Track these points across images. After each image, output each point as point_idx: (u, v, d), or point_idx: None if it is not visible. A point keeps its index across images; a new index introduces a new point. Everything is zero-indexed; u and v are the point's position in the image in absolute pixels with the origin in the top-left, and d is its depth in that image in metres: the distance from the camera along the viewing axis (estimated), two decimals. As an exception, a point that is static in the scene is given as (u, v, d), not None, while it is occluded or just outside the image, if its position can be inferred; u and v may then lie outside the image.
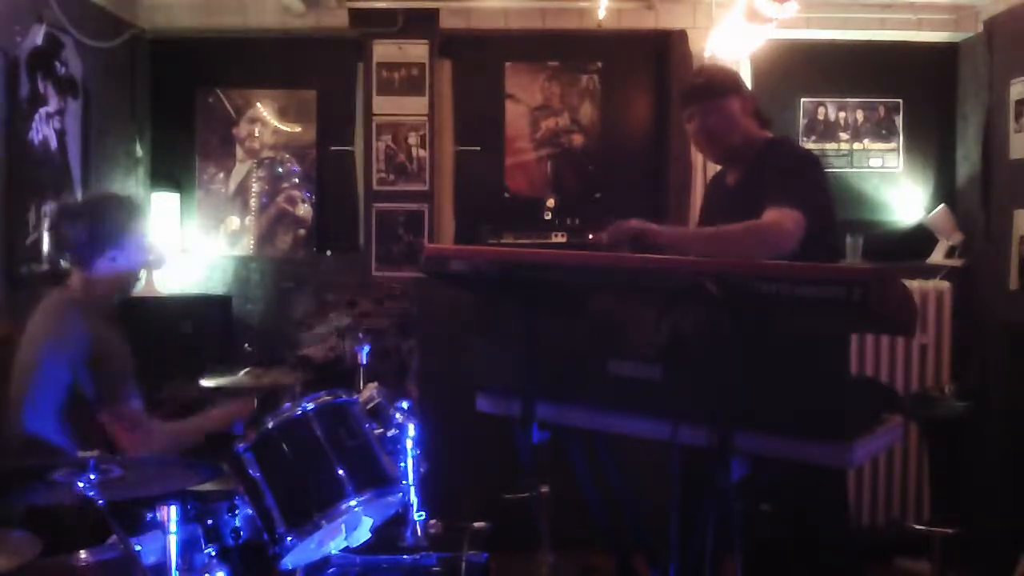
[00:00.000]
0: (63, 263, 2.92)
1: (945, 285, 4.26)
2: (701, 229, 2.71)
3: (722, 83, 2.74)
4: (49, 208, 3.48)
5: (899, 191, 4.63)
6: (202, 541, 2.31)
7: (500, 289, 2.19)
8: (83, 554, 2.12)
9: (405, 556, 2.76)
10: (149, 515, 2.17)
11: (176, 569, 2.10)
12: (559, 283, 2.09)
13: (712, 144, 2.78)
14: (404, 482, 2.79)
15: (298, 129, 4.67)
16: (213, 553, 2.32)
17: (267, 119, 4.66)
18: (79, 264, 2.75)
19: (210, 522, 2.36)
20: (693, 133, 2.78)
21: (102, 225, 2.72)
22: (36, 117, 3.49)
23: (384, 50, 4.47)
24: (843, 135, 4.62)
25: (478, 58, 4.68)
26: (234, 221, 4.67)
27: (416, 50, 4.47)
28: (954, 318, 4.25)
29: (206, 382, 3.20)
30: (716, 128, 2.71)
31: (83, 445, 2.61)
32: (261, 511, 2.37)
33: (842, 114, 4.62)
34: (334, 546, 2.57)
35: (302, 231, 4.67)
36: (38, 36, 3.49)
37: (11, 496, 2.08)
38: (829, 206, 2.68)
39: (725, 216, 2.69)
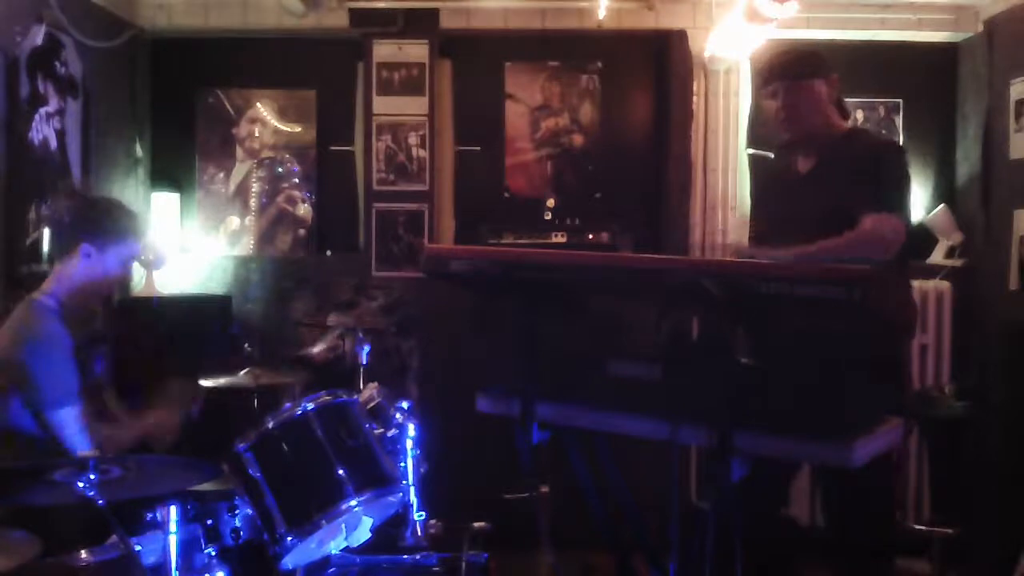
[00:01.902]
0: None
1: (945, 285, 4.26)
2: (802, 249, 2.58)
3: (815, 64, 2.76)
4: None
5: (899, 191, 4.62)
6: (202, 541, 2.32)
7: (500, 289, 2.19)
8: (83, 554, 2.12)
9: (405, 556, 2.76)
10: (149, 515, 2.16)
11: (176, 569, 2.10)
12: (559, 283, 2.09)
13: (793, 122, 2.80)
14: (404, 482, 2.80)
15: (298, 129, 4.67)
16: (213, 553, 2.33)
17: (267, 119, 4.66)
18: (59, 251, 2.72)
19: (210, 522, 2.37)
20: (775, 108, 2.80)
21: (88, 216, 2.69)
22: (36, 117, 3.49)
23: (384, 50, 4.47)
24: (843, 135, 4.62)
25: (478, 58, 4.67)
26: (234, 221, 4.67)
27: (416, 50, 4.47)
28: (954, 318, 4.25)
29: (206, 382, 3.20)
30: (801, 108, 2.74)
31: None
32: (261, 511, 2.37)
33: (842, 114, 4.61)
34: (334, 546, 2.58)
35: (302, 231, 4.67)
36: (38, 36, 3.49)
37: (11, 496, 2.08)
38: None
39: (793, 203, 2.71)
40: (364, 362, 3.39)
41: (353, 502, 2.39)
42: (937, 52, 4.56)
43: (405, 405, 2.97)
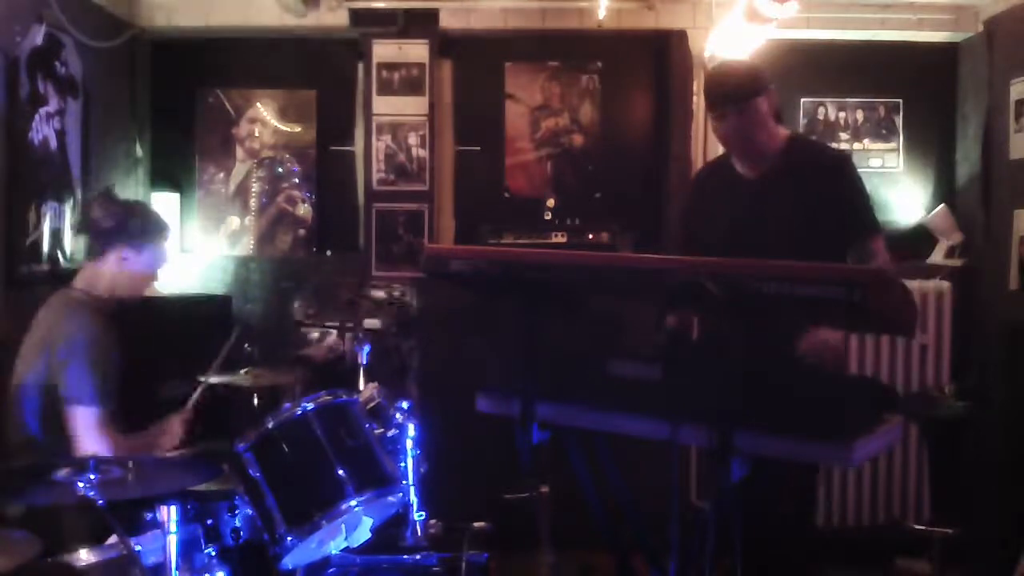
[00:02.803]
0: (64, 262, 2.86)
1: (945, 285, 4.26)
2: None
3: (755, 83, 2.75)
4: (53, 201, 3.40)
5: (899, 191, 4.63)
6: (202, 541, 2.31)
7: (500, 289, 2.19)
8: (83, 554, 2.12)
9: (405, 556, 2.76)
10: (149, 515, 2.16)
11: (176, 569, 2.10)
12: (559, 283, 2.09)
13: (746, 144, 2.80)
14: (404, 482, 2.80)
15: (298, 129, 4.67)
16: (213, 553, 2.33)
17: (267, 119, 4.66)
18: (92, 252, 2.79)
19: (210, 522, 2.37)
20: (725, 132, 2.79)
21: (130, 221, 2.78)
22: (36, 117, 3.49)
23: (384, 50, 4.47)
24: (843, 135, 4.62)
25: (478, 58, 4.67)
26: (234, 221, 4.67)
27: (416, 50, 4.47)
28: (954, 318, 4.25)
29: (206, 379, 3.19)
30: (749, 129, 2.74)
31: (64, 444, 2.61)
32: (261, 511, 2.37)
33: (842, 114, 4.62)
34: (334, 546, 2.58)
35: (302, 231, 4.67)
36: (38, 36, 3.48)
37: (11, 496, 2.08)
38: None
39: (746, 210, 2.71)
40: (364, 362, 3.38)
41: (353, 502, 2.39)
42: (937, 52, 4.56)
43: (405, 405, 2.97)
